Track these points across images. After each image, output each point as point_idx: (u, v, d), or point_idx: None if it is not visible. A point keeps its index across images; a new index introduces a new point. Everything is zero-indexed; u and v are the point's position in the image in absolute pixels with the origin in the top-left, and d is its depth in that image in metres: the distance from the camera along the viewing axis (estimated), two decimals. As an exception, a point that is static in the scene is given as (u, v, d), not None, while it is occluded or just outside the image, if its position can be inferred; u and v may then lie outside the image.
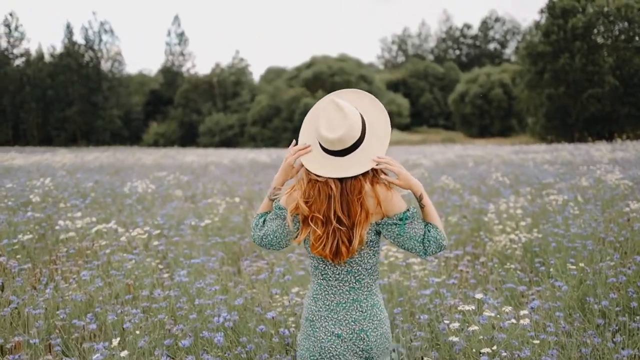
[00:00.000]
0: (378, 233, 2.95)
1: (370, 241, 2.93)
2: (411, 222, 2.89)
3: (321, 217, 2.87)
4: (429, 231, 2.91)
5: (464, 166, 19.44)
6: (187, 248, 7.23)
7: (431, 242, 2.89)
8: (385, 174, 2.94)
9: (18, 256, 7.02)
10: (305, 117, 3.06)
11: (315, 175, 2.88)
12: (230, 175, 16.74)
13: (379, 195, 2.86)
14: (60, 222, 7.69)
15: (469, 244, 7.86)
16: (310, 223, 2.88)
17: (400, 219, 2.88)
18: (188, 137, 73.36)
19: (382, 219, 2.90)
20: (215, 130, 70.59)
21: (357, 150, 2.87)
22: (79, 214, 7.92)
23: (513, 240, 7.11)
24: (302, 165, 2.96)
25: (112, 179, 14.97)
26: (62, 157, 25.76)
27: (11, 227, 8.25)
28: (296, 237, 2.99)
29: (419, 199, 2.97)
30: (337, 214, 2.86)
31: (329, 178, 2.86)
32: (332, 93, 3.02)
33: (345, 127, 2.81)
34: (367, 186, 2.87)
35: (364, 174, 2.87)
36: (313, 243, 2.90)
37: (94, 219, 7.72)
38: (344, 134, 2.81)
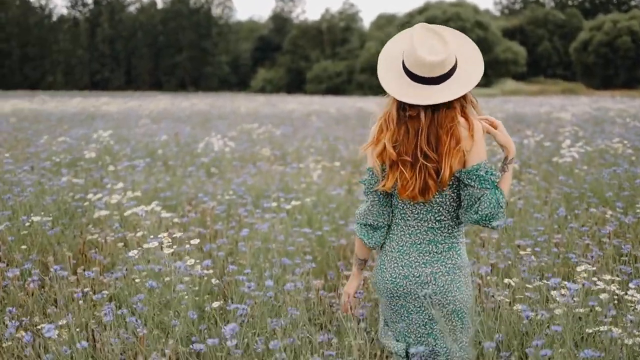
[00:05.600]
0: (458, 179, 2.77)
1: (453, 184, 2.77)
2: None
3: (410, 158, 2.71)
4: (495, 193, 2.71)
5: (609, 121, 16.34)
6: (262, 245, 4.78)
7: (492, 204, 2.70)
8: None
9: (23, 246, 4.92)
10: (383, 50, 2.87)
11: (409, 106, 2.70)
12: (334, 128, 14.26)
13: (474, 125, 2.71)
14: (91, 196, 5.52)
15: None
16: (401, 167, 2.73)
17: (489, 182, 2.71)
18: (295, 84, 72.57)
19: (464, 167, 2.72)
20: (323, 77, 69.71)
21: (453, 76, 2.71)
22: (120, 185, 5.74)
23: None
24: (389, 105, 2.80)
25: (195, 131, 12.75)
26: (156, 103, 24.00)
27: (38, 199, 6.17)
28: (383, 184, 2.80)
29: (508, 162, 2.84)
30: (424, 149, 2.69)
31: (422, 108, 2.69)
32: (418, 24, 2.77)
33: (446, 51, 2.66)
34: (460, 118, 2.71)
35: (457, 103, 2.72)
36: (401, 188, 2.75)
37: (137, 194, 5.53)
38: (446, 57, 2.66)
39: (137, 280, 3.57)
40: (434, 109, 2.70)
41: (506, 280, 4.17)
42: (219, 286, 4.15)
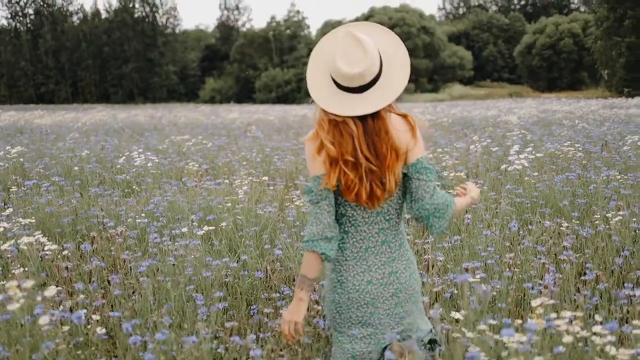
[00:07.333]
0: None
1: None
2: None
3: (351, 158, 2.68)
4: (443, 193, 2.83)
5: (557, 123, 15.97)
6: (171, 279, 4.05)
7: (444, 196, 2.79)
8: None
9: None
10: (313, 51, 2.82)
11: (334, 115, 2.68)
12: (274, 138, 13.53)
13: (414, 123, 2.77)
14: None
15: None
16: (343, 166, 2.69)
17: (433, 172, 2.78)
18: (244, 93, 71.97)
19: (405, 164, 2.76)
20: (272, 85, 69.33)
21: (376, 86, 2.69)
22: (9, 210, 4.97)
23: None
24: (318, 108, 2.77)
25: (122, 144, 11.87)
26: (92, 116, 22.92)
27: None
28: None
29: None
30: (365, 154, 2.68)
31: (346, 117, 2.68)
32: (344, 25, 2.77)
33: (365, 62, 2.64)
34: (395, 119, 2.76)
35: (385, 112, 2.72)
36: (346, 188, 2.72)
37: (32, 220, 4.79)
38: (365, 69, 2.64)
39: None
40: (360, 117, 2.69)
41: (453, 314, 3.56)
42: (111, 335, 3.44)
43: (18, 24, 78.46)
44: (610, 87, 56.68)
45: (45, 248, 4.20)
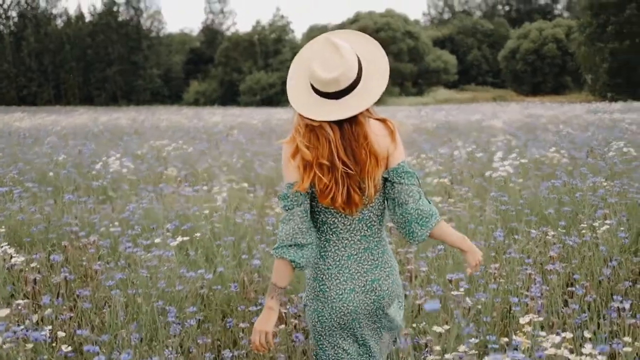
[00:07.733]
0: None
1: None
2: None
3: (327, 162, 2.63)
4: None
5: (542, 128, 15.93)
6: (143, 291, 3.88)
7: (429, 204, 2.75)
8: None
9: None
10: (295, 58, 2.82)
11: (310, 120, 2.64)
12: (256, 142, 13.35)
13: (393, 128, 2.72)
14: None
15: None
16: (316, 170, 2.63)
17: (414, 177, 2.74)
18: (229, 96, 71.81)
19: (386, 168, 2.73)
20: (256, 89, 69.30)
21: (354, 92, 2.66)
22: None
23: None
24: (295, 112, 2.75)
25: (100, 149, 11.62)
26: (73, 119, 22.58)
27: None
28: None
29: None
30: (342, 158, 2.64)
31: (323, 122, 2.63)
32: (326, 33, 2.76)
33: (341, 68, 2.61)
34: (374, 124, 2.70)
35: (363, 118, 2.67)
36: (320, 193, 2.67)
37: (1, 230, 4.61)
38: (340, 75, 2.61)
39: None
40: (337, 122, 2.65)
41: (435, 328, 3.42)
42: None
43: (1, 27, 77.94)
44: (594, 91, 56.94)
45: (12, 260, 4.02)
